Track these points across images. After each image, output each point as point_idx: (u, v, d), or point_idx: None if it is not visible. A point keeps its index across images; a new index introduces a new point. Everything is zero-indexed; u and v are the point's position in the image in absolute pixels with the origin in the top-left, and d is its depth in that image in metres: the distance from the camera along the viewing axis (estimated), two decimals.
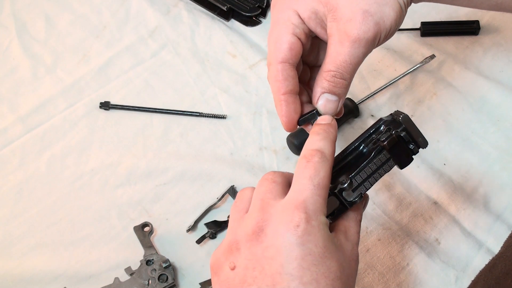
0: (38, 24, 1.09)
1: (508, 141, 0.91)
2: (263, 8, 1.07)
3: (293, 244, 0.51)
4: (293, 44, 0.60)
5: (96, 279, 0.82)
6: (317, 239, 0.51)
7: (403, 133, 0.58)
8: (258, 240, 0.52)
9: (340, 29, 0.58)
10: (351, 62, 0.59)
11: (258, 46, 1.05)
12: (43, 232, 0.87)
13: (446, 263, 0.81)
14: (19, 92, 1.01)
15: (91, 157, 0.94)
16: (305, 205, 0.52)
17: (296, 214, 0.51)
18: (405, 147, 0.59)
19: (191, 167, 0.92)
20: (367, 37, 0.58)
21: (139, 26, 1.08)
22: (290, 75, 0.60)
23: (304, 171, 0.54)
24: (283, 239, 0.51)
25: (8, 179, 0.92)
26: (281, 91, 0.60)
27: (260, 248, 0.52)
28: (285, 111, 0.61)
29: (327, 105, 0.60)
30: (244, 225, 0.54)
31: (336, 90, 0.60)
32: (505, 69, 0.98)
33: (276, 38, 0.60)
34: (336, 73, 0.59)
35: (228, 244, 0.55)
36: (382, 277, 0.81)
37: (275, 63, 0.60)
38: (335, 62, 0.59)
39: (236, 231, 0.55)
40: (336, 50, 0.59)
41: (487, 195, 0.87)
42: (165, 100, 0.99)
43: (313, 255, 0.51)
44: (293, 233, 0.51)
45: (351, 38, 0.58)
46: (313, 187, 0.53)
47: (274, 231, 0.52)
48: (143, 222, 0.85)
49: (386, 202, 0.87)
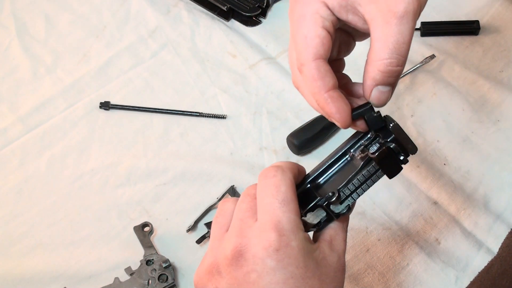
0: (38, 24, 1.09)
1: (508, 141, 0.91)
2: (263, 8, 1.07)
3: (274, 269, 0.50)
4: (324, 38, 0.55)
5: (96, 279, 0.82)
6: (298, 261, 0.51)
7: (393, 145, 0.55)
8: (238, 265, 0.51)
9: (381, 9, 0.52)
10: (404, 40, 0.52)
11: (258, 46, 1.05)
12: (43, 232, 0.87)
13: (446, 263, 0.81)
14: (19, 92, 1.01)
15: (91, 157, 0.94)
16: (280, 226, 0.51)
17: (274, 237, 0.50)
18: (395, 158, 0.56)
19: (191, 167, 0.92)
20: (414, 9, 0.52)
21: (139, 26, 1.08)
22: (327, 70, 0.55)
23: (265, 189, 0.53)
24: (264, 264, 0.50)
25: (8, 179, 0.92)
26: (324, 89, 0.55)
27: (241, 273, 0.51)
28: (336, 107, 0.55)
29: (380, 97, 0.55)
30: (223, 247, 0.53)
31: (391, 80, 0.54)
32: (505, 69, 0.98)
33: (306, 34, 0.55)
34: (391, 60, 0.53)
35: (209, 266, 0.54)
36: (382, 277, 0.81)
37: (309, 62, 0.55)
38: (387, 46, 0.52)
39: (216, 252, 0.53)
40: (384, 33, 0.52)
41: (487, 195, 0.87)
42: (165, 100, 0.99)
43: (295, 277, 0.50)
44: (273, 258, 0.50)
45: (398, 14, 0.51)
46: (279, 204, 0.51)
47: (254, 256, 0.51)
48: (143, 222, 0.85)
49: (386, 202, 0.87)
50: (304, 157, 0.91)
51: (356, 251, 0.83)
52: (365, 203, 0.87)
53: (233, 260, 0.51)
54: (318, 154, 0.91)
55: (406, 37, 0.52)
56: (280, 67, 1.02)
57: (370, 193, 0.88)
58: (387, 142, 0.55)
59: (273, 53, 1.04)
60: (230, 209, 0.56)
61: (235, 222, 0.54)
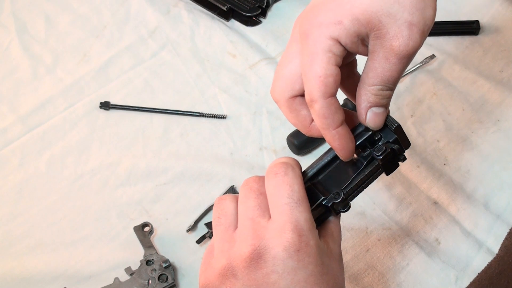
0: (38, 24, 1.09)
1: (508, 141, 0.91)
2: (263, 8, 1.07)
3: (295, 269, 0.51)
4: (336, 76, 0.55)
5: (96, 279, 0.82)
6: (316, 259, 0.52)
7: (396, 146, 0.56)
8: (257, 266, 0.51)
9: (385, 46, 0.54)
10: (398, 76, 0.56)
11: (258, 46, 1.05)
12: (43, 232, 0.87)
13: (446, 263, 0.81)
14: (19, 92, 1.01)
15: (91, 157, 0.94)
16: (300, 227, 0.51)
17: (294, 238, 0.51)
18: (395, 158, 0.57)
19: (191, 167, 0.92)
20: (414, 49, 0.54)
21: (139, 26, 1.08)
22: (337, 108, 0.56)
23: (278, 189, 0.53)
24: (285, 265, 0.51)
25: (8, 179, 0.92)
26: (333, 126, 0.56)
27: (260, 275, 0.51)
28: (342, 145, 0.57)
29: (376, 119, 0.57)
30: (237, 249, 0.53)
31: (384, 102, 0.57)
32: (505, 69, 0.98)
33: (319, 73, 0.55)
34: (383, 87, 0.56)
35: (222, 269, 0.53)
36: (382, 277, 0.81)
37: (321, 100, 0.55)
38: (381, 77, 0.55)
39: (229, 254, 0.53)
40: (382, 66, 0.55)
41: (487, 195, 0.87)
42: (165, 100, 0.99)
43: (314, 275, 0.51)
44: (294, 258, 0.51)
45: (400, 56, 0.54)
46: (296, 204, 0.52)
47: (274, 258, 0.51)
48: (143, 222, 0.85)
49: (386, 202, 0.87)
50: (304, 157, 0.91)
51: (356, 251, 0.83)
52: (365, 203, 0.87)
53: (252, 262, 0.51)
54: (318, 154, 0.91)
55: (401, 73, 0.55)
56: None
57: (370, 193, 0.88)
58: (389, 143, 0.56)
59: (273, 53, 1.04)
60: (231, 207, 0.56)
61: (245, 222, 0.53)
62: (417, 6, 0.54)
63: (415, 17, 0.54)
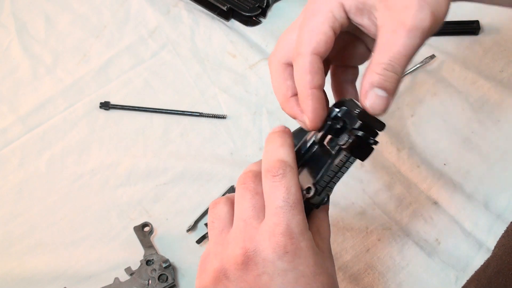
0: (38, 24, 1.09)
1: (508, 141, 0.91)
2: (263, 8, 1.07)
3: (285, 270, 0.51)
4: (329, 38, 0.54)
5: (96, 279, 0.82)
6: (308, 260, 0.51)
7: (361, 133, 0.53)
8: (248, 268, 0.51)
9: (394, 18, 0.51)
10: (406, 53, 0.51)
11: (258, 46, 1.05)
12: (43, 232, 0.87)
13: (446, 263, 0.81)
14: (19, 92, 1.01)
15: (91, 157, 0.94)
16: (290, 230, 0.51)
17: (284, 241, 0.50)
18: (365, 143, 0.53)
19: (191, 167, 0.92)
20: (424, 26, 0.51)
21: (139, 26, 1.08)
22: (320, 69, 0.54)
23: (275, 192, 0.52)
24: (274, 266, 0.51)
25: (8, 179, 0.92)
26: (311, 85, 0.54)
27: (251, 276, 0.51)
28: (313, 106, 0.54)
29: (376, 101, 0.52)
30: (230, 252, 0.53)
31: (387, 85, 0.52)
32: (505, 69, 0.98)
33: (313, 28, 0.54)
34: (388, 65, 0.52)
35: (215, 272, 0.53)
36: (382, 277, 0.81)
37: (306, 54, 0.53)
38: (388, 53, 0.51)
39: (222, 257, 0.53)
40: (389, 41, 0.51)
41: (487, 195, 0.87)
42: (165, 100, 0.99)
43: (306, 276, 0.51)
44: (284, 260, 0.50)
45: (407, 27, 0.51)
46: (290, 208, 0.51)
47: (264, 260, 0.51)
48: (143, 222, 0.85)
49: (386, 202, 0.87)
50: None
51: (356, 251, 0.83)
52: (365, 203, 0.87)
53: (243, 264, 0.51)
54: None
55: (409, 51, 0.52)
56: None
57: (370, 193, 0.88)
58: (354, 130, 0.53)
59: None
60: (224, 211, 0.56)
61: (238, 223, 0.53)
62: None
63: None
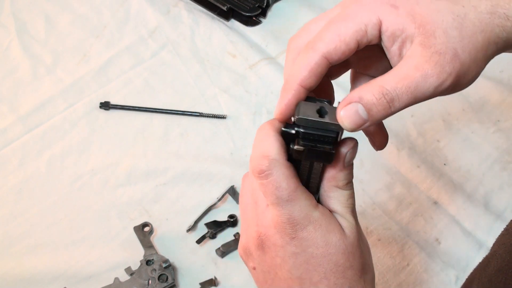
0: (38, 24, 1.09)
1: (508, 141, 0.91)
2: (263, 8, 1.07)
3: (295, 253, 0.52)
4: (349, 50, 0.50)
5: (96, 279, 0.82)
6: (317, 241, 0.51)
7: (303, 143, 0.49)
8: (264, 250, 0.53)
9: (424, 57, 0.48)
10: (411, 93, 0.48)
11: (258, 46, 1.05)
12: (43, 232, 0.87)
13: (446, 263, 0.81)
14: (19, 92, 1.01)
15: (91, 157, 0.94)
16: (292, 218, 0.51)
17: (289, 228, 0.51)
18: (317, 150, 0.49)
19: (191, 167, 0.92)
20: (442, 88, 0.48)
21: (139, 26, 1.08)
22: (321, 74, 0.51)
23: (266, 191, 0.51)
24: (284, 250, 0.52)
25: (8, 179, 0.92)
26: (302, 82, 0.50)
27: (268, 257, 0.53)
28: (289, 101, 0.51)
29: (351, 116, 0.48)
30: (249, 233, 0.54)
31: (374, 111, 0.48)
32: (505, 69, 0.98)
33: (338, 33, 0.50)
34: (388, 93, 0.48)
35: (243, 247, 0.56)
36: (382, 277, 0.81)
37: (317, 53, 0.50)
38: (396, 82, 0.48)
39: (246, 236, 0.55)
40: (406, 73, 0.48)
41: (487, 195, 0.87)
42: (165, 100, 0.99)
43: (316, 257, 0.51)
44: (292, 244, 0.51)
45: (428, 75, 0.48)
46: (286, 201, 0.50)
47: (274, 245, 0.52)
48: (143, 222, 0.85)
49: (386, 202, 0.87)
50: None
51: None
52: (365, 203, 0.87)
53: (259, 246, 0.53)
54: None
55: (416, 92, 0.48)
56: (280, 67, 1.02)
57: (370, 193, 0.88)
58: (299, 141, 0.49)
59: (273, 53, 1.04)
60: (249, 188, 0.55)
61: (251, 206, 0.54)
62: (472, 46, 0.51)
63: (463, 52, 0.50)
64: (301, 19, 1.07)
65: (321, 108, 0.48)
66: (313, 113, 0.48)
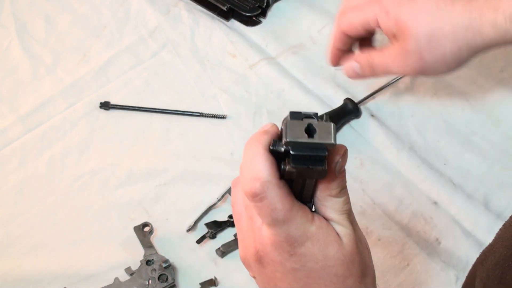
0: (38, 24, 1.09)
1: (508, 141, 0.91)
2: (263, 8, 1.07)
3: (294, 269, 0.51)
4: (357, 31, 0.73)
5: (96, 279, 0.82)
6: (315, 256, 0.51)
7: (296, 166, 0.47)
8: (263, 265, 0.52)
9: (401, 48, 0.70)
10: (384, 69, 0.73)
11: (258, 46, 1.05)
12: (43, 232, 0.87)
13: (446, 263, 0.81)
14: (19, 92, 1.01)
15: (91, 157, 0.94)
16: (289, 237, 0.50)
17: (286, 247, 0.50)
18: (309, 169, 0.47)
19: (191, 167, 0.92)
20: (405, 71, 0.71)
21: (139, 26, 1.08)
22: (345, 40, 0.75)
23: (261, 213, 0.49)
24: (283, 266, 0.51)
25: (8, 179, 0.92)
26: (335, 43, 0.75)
27: (268, 271, 0.53)
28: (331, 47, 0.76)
29: (350, 70, 0.75)
30: (246, 245, 0.54)
31: (363, 69, 0.74)
32: (505, 69, 0.98)
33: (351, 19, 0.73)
34: (372, 63, 0.73)
35: (242, 257, 0.56)
36: (382, 277, 0.81)
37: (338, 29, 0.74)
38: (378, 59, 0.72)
39: (244, 246, 0.55)
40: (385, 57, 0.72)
41: (487, 195, 0.87)
42: (165, 100, 0.99)
43: (316, 271, 0.51)
44: (291, 260, 0.51)
45: None
46: (282, 222, 0.49)
47: (273, 261, 0.51)
48: (143, 222, 0.85)
49: (386, 202, 0.87)
50: None
51: None
52: (365, 203, 0.87)
53: (257, 261, 0.53)
54: None
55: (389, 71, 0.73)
56: (280, 67, 1.02)
57: (370, 193, 0.88)
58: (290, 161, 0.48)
59: (273, 53, 1.04)
60: (241, 195, 0.55)
61: (246, 220, 0.53)
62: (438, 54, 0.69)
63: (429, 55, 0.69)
64: (301, 19, 1.08)
65: (309, 126, 0.47)
66: (301, 133, 0.47)
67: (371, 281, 0.55)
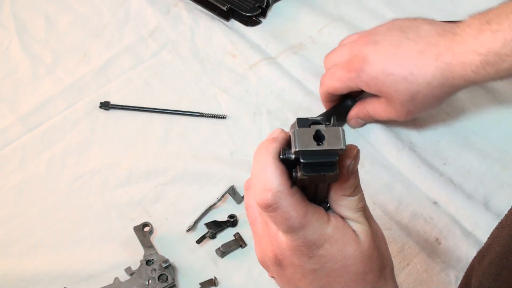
0: (38, 24, 1.09)
1: (508, 141, 0.91)
2: (263, 8, 1.07)
3: (314, 270, 0.51)
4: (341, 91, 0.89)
5: (96, 279, 0.82)
6: (334, 256, 0.51)
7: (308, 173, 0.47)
8: (282, 267, 0.53)
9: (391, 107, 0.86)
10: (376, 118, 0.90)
11: (258, 46, 1.05)
12: (43, 232, 0.87)
13: (446, 263, 0.81)
14: (19, 92, 1.01)
15: (91, 157, 0.94)
16: (307, 241, 0.50)
17: (305, 250, 0.50)
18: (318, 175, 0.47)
19: (191, 167, 0.92)
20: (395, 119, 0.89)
21: (139, 26, 1.08)
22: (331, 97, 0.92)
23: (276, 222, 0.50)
24: (303, 268, 0.52)
25: (8, 179, 0.92)
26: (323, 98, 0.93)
27: (288, 272, 0.53)
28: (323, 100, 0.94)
29: (355, 123, 0.94)
30: (264, 248, 0.54)
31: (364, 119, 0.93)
32: None
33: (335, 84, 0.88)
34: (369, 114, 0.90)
35: (260, 259, 0.56)
36: None
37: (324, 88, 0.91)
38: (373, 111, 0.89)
39: (261, 251, 0.55)
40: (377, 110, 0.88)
41: (487, 195, 0.87)
42: (165, 100, 0.99)
43: (336, 270, 0.51)
44: (310, 262, 0.51)
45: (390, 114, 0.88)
46: (298, 229, 0.49)
47: (292, 264, 0.52)
48: (143, 222, 0.85)
49: (386, 202, 0.87)
50: None
51: None
52: None
53: (276, 264, 0.53)
54: None
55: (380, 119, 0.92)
56: (280, 67, 1.02)
57: (370, 193, 0.88)
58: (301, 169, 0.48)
59: (273, 53, 1.04)
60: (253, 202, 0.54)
61: (262, 224, 0.53)
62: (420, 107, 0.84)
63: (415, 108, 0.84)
64: (301, 19, 1.08)
65: (317, 133, 0.47)
66: (310, 140, 0.46)
67: (390, 271, 0.55)
